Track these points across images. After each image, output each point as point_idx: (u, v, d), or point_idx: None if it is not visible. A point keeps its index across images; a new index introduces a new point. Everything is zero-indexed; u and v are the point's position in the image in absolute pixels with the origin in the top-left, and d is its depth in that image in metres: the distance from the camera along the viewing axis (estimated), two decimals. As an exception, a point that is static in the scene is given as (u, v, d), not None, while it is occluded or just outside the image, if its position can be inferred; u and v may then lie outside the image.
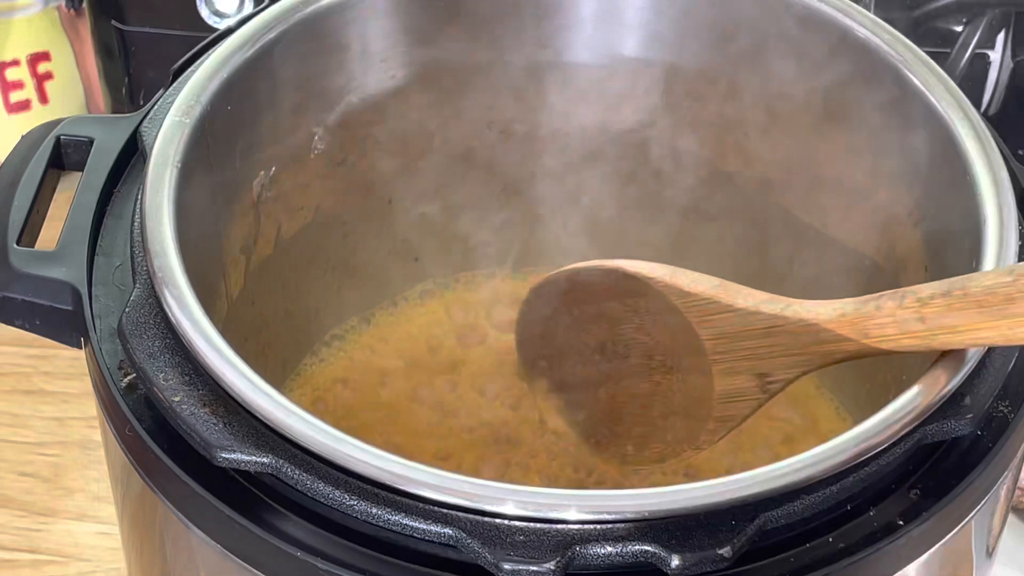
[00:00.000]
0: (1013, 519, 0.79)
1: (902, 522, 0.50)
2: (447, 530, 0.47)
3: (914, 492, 0.51)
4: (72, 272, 0.57)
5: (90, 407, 0.87)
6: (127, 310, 0.53)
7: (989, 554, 0.58)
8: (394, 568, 0.48)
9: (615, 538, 0.47)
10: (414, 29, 0.69)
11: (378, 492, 0.48)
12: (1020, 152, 0.90)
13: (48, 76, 0.99)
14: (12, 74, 0.98)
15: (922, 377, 0.51)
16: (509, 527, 0.47)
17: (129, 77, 0.94)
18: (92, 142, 0.62)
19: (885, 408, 0.50)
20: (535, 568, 0.46)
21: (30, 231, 0.58)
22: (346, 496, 0.48)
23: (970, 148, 0.59)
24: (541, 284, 0.66)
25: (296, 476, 0.48)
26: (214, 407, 0.50)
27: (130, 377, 0.53)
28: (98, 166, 0.61)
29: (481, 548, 0.46)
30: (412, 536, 0.47)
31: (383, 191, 0.73)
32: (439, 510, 0.47)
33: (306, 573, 0.48)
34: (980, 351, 0.52)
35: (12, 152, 0.62)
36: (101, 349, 0.54)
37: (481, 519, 0.47)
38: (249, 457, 0.49)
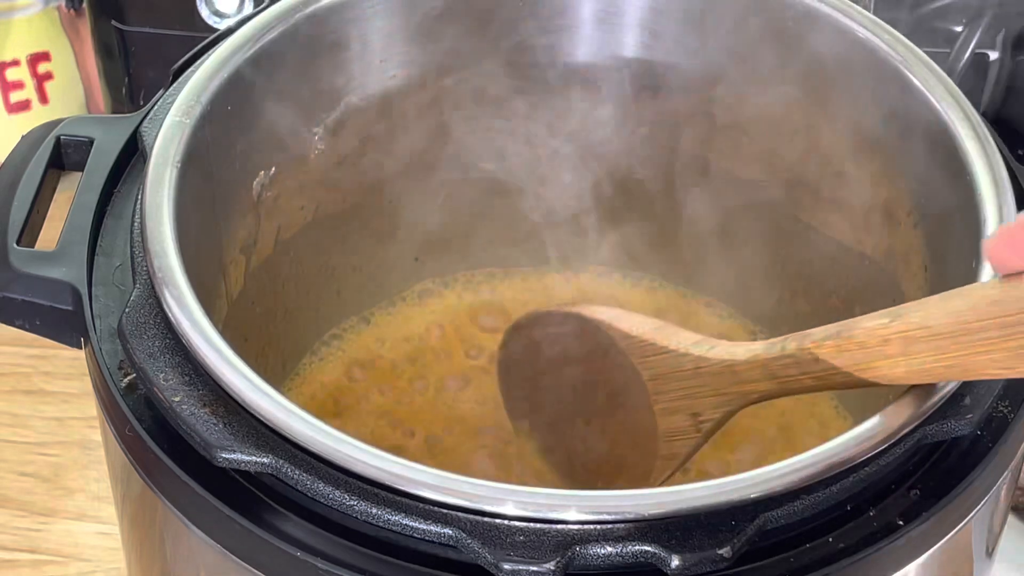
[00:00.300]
0: (1013, 519, 0.79)
1: (902, 522, 0.50)
2: (447, 530, 0.47)
3: (914, 492, 0.51)
4: (72, 272, 0.57)
5: (90, 407, 0.87)
6: (127, 310, 0.53)
7: (989, 554, 0.58)
8: (394, 568, 0.48)
9: (615, 538, 0.47)
10: (414, 29, 0.69)
11: (378, 492, 0.48)
12: (1020, 152, 0.89)
13: (48, 76, 0.99)
14: (12, 74, 0.98)
15: (922, 377, 0.51)
16: (509, 527, 0.47)
17: (129, 77, 0.94)
18: (92, 142, 0.62)
19: (885, 408, 0.50)
20: (535, 568, 0.46)
21: (30, 231, 0.59)
22: (346, 496, 0.48)
23: (970, 148, 0.59)
24: (513, 327, 0.68)
25: (296, 476, 0.48)
26: (214, 407, 0.50)
27: (130, 377, 0.53)
28: (98, 166, 0.61)
29: (481, 548, 0.46)
30: (412, 536, 0.47)
31: (383, 191, 0.73)
32: (439, 510, 0.47)
33: (306, 573, 0.48)
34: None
35: (12, 152, 0.62)
36: (101, 349, 0.54)
37: (481, 519, 0.47)
38: (249, 457, 0.49)
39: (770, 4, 0.67)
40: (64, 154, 0.62)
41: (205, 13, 0.90)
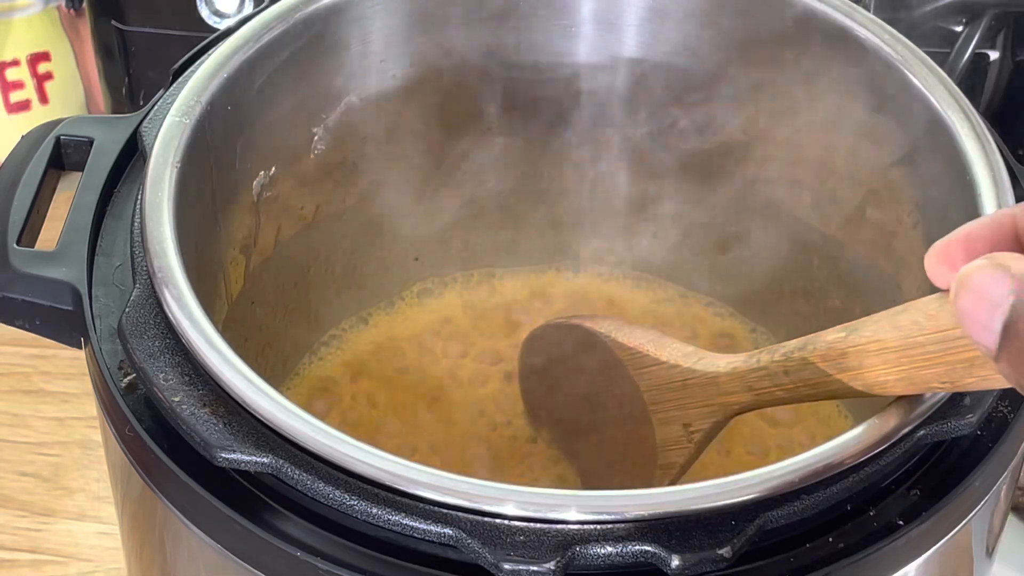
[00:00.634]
0: (1013, 519, 0.79)
1: (902, 522, 0.50)
2: (447, 530, 0.47)
3: (914, 492, 0.51)
4: (72, 272, 0.57)
5: (90, 407, 0.87)
6: (127, 310, 0.53)
7: (989, 554, 0.58)
8: (394, 568, 0.48)
9: (615, 538, 0.47)
10: (414, 29, 0.69)
11: (378, 492, 0.48)
12: (1020, 152, 0.89)
13: (48, 76, 0.99)
14: (12, 74, 0.98)
15: (922, 377, 0.51)
16: (509, 527, 0.47)
17: (129, 77, 0.94)
18: (92, 142, 0.62)
19: (885, 408, 0.50)
20: (535, 568, 0.46)
21: (30, 231, 0.59)
22: (346, 496, 0.48)
23: (970, 148, 0.59)
24: (528, 338, 0.70)
25: (296, 476, 0.48)
26: (214, 407, 0.50)
27: (130, 377, 0.53)
28: (98, 166, 0.61)
29: (481, 548, 0.46)
30: (412, 536, 0.47)
31: (382, 191, 0.73)
32: (439, 510, 0.47)
33: (306, 573, 0.48)
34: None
35: (12, 152, 0.62)
36: (101, 349, 0.54)
37: (481, 519, 0.47)
38: (249, 457, 0.49)
39: (770, 4, 0.67)
40: (64, 154, 0.62)
41: (205, 13, 0.90)
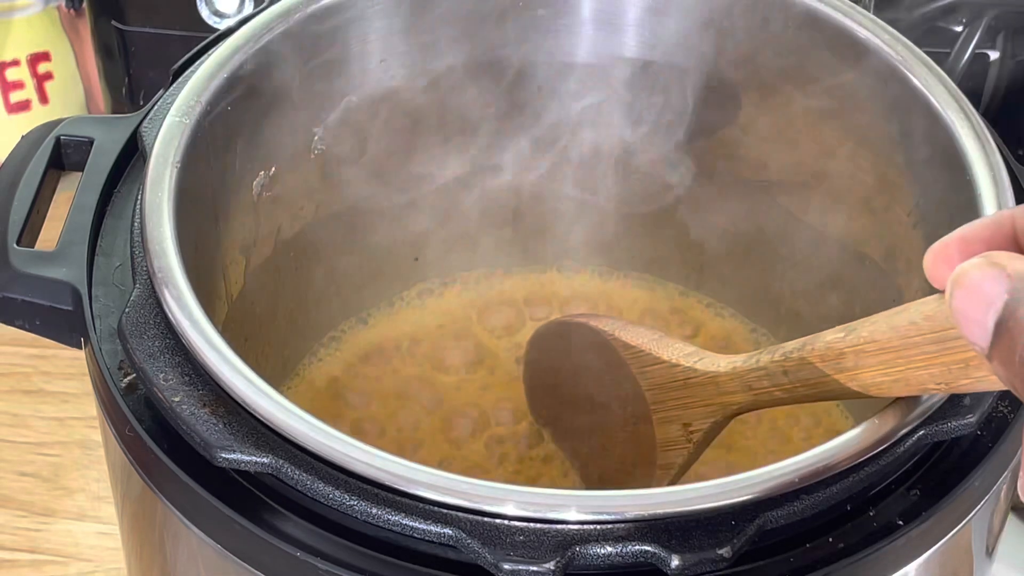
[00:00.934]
0: (1013, 519, 0.79)
1: (902, 522, 0.50)
2: (447, 530, 0.47)
3: (914, 492, 0.51)
4: (72, 272, 0.57)
5: (90, 407, 0.87)
6: (127, 310, 0.53)
7: (989, 554, 0.58)
8: (394, 568, 0.48)
9: (615, 538, 0.47)
10: (414, 29, 0.69)
11: (378, 492, 0.48)
12: (1020, 152, 0.90)
13: (48, 76, 0.99)
14: (12, 74, 0.98)
15: (922, 377, 0.51)
16: (509, 527, 0.47)
17: (129, 77, 0.94)
18: (92, 142, 0.62)
19: (885, 408, 0.50)
20: (535, 568, 0.46)
21: (30, 231, 0.59)
22: (346, 496, 0.48)
23: (970, 148, 0.59)
24: (532, 337, 0.70)
25: (296, 476, 0.48)
26: (214, 407, 0.50)
27: (130, 377, 0.53)
28: (98, 166, 0.61)
29: (481, 548, 0.46)
30: (412, 536, 0.47)
31: (382, 191, 0.73)
32: (439, 510, 0.47)
33: (306, 573, 0.48)
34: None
35: (12, 152, 0.62)
36: (101, 349, 0.54)
37: (481, 519, 0.47)
38: (249, 457, 0.49)
39: (770, 4, 0.67)
40: (64, 154, 0.62)
41: (205, 13, 0.90)
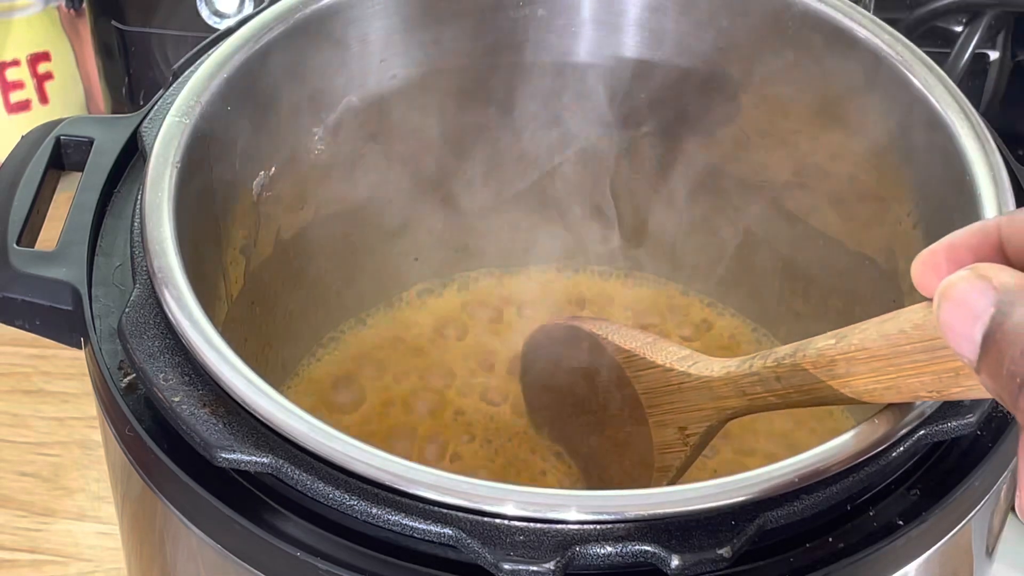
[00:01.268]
0: (1013, 519, 0.79)
1: (902, 522, 0.50)
2: (447, 530, 0.47)
3: (914, 492, 0.51)
4: (72, 272, 0.57)
5: (90, 407, 0.87)
6: (127, 310, 0.53)
7: (989, 554, 0.58)
8: (394, 568, 0.48)
9: (615, 538, 0.47)
10: (414, 29, 0.69)
11: (378, 492, 0.48)
12: (1020, 152, 0.90)
13: (48, 76, 0.99)
14: (12, 74, 0.98)
15: (922, 377, 0.51)
16: (509, 527, 0.47)
17: (129, 77, 0.94)
18: (92, 142, 0.62)
19: (885, 408, 0.50)
20: (535, 568, 0.46)
21: (30, 231, 0.59)
22: (346, 496, 0.48)
23: (970, 148, 0.59)
24: (528, 340, 0.70)
25: (296, 476, 0.48)
26: (214, 407, 0.50)
27: (130, 377, 0.53)
28: (98, 166, 0.61)
29: (481, 548, 0.46)
30: (412, 536, 0.47)
31: (382, 191, 0.73)
32: (439, 510, 0.47)
33: (306, 573, 0.48)
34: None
35: (12, 152, 0.62)
36: (101, 349, 0.54)
37: (481, 519, 0.47)
38: (249, 457, 0.49)
39: (770, 4, 0.67)
40: (64, 154, 0.62)
41: (205, 13, 0.90)
